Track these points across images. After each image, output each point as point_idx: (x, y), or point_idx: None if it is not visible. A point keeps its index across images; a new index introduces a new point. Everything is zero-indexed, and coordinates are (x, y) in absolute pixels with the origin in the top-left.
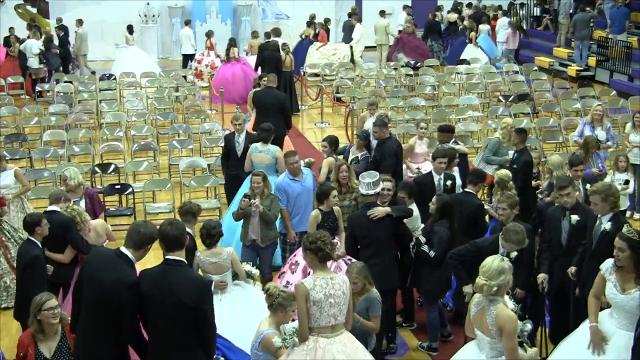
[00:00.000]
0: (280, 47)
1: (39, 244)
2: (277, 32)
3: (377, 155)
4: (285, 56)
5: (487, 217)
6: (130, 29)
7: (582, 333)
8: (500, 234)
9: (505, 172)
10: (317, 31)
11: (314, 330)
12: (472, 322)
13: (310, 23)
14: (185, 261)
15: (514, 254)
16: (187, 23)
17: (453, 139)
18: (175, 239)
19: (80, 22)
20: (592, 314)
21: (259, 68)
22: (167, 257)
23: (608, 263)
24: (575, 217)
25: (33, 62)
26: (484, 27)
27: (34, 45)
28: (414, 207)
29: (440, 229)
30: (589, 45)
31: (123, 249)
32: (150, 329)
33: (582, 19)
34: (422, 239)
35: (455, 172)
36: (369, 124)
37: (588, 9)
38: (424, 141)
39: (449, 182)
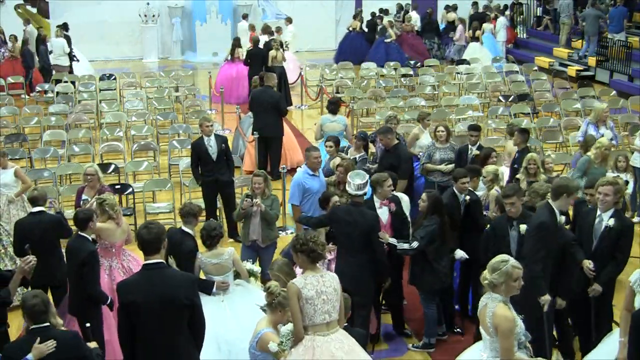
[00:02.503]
0: (260, 43)
1: (90, 239)
2: (266, 29)
3: (392, 162)
4: (276, 52)
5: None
6: (65, 26)
7: (608, 346)
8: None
9: (494, 168)
10: (362, 24)
11: (310, 329)
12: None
13: (357, 16)
14: (165, 262)
15: (523, 227)
16: (245, 17)
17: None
18: (149, 243)
19: (27, 22)
20: (623, 329)
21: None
22: (145, 262)
23: (637, 274)
24: (524, 227)
25: (63, 60)
26: (487, 26)
27: (64, 45)
28: (401, 195)
29: (429, 222)
30: (598, 42)
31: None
32: (141, 338)
33: (591, 15)
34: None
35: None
36: (426, 140)
37: (603, 5)
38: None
39: (467, 198)
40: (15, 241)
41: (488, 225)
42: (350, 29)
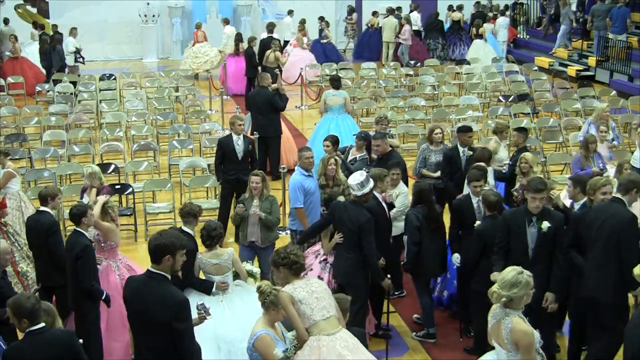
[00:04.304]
0: (248, 42)
1: (86, 234)
2: (270, 27)
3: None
4: (271, 53)
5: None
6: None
7: None
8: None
9: (482, 166)
10: (378, 20)
11: (314, 329)
12: (489, 333)
13: (375, 13)
14: (167, 275)
15: (545, 224)
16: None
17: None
18: (149, 251)
19: (6, 22)
20: None
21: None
22: (149, 267)
23: None
24: (546, 224)
25: (70, 60)
26: (488, 26)
27: (69, 43)
28: (401, 185)
29: (410, 213)
30: (598, 41)
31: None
32: (134, 337)
33: (601, 10)
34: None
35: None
36: (503, 153)
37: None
38: (604, 144)
39: (482, 203)
40: (27, 237)
41: (477, 223)
42: (369, 25)
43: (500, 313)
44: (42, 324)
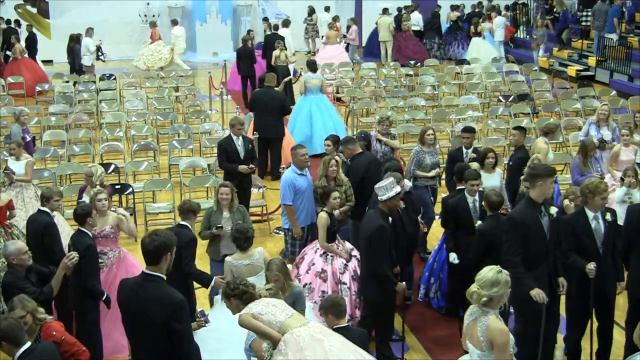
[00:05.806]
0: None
1: (90, 234)
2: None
3: (354, 172)
4: (280, 52)
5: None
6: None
7: None
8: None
9: (477, 166)
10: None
11: (284, 329)
12: (464, 333)
13: (385, 11)
14: (163, 276)
15: (554, 210)
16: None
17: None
18: (148, 253)
19: (1, 20)
20: None
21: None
22: (144, 270)
23: None
24: (554, 209)
25: (87, 60)
26: (486, 26)
27: (89, 44)
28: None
29: None
30: (598, 42)
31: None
32: (130, 340)
33: (602, 10)
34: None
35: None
36: (551, 155)
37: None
38: (630, 148)
39: (484, 203)
40: (27, 236)
41: (478, 223)
42: (377, 24)
43: (478, 312)
44: (29, 343)
